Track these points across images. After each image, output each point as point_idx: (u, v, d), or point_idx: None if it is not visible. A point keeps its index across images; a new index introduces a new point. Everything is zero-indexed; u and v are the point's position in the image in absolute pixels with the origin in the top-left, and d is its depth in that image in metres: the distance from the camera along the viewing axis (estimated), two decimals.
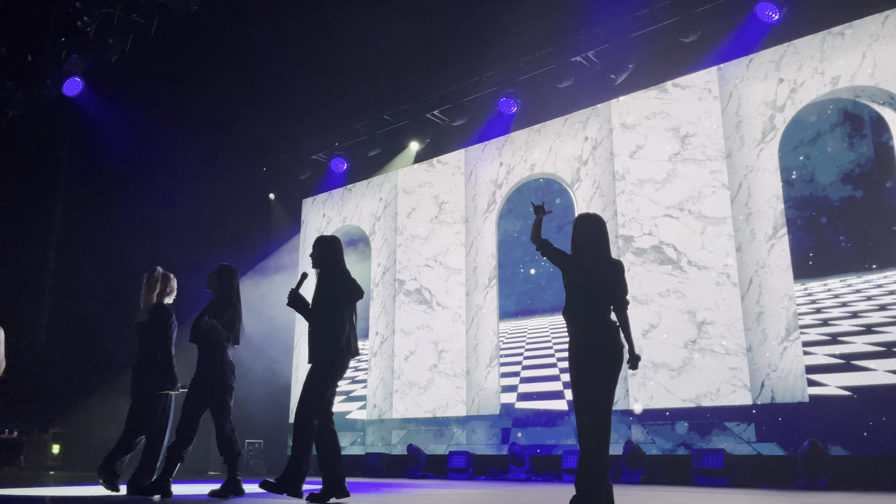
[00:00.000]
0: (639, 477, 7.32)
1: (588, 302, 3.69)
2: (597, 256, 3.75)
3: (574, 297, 3.73)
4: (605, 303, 3.71)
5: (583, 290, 3.72)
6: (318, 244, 4.63)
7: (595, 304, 3.69)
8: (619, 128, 8.73)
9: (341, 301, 4.45)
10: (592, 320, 3.67)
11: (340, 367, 4.54)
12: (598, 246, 3.77)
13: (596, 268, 3.72)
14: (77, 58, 8.97)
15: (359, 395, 10.54)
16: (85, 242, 11.47)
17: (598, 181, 8.79)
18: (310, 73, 9.99)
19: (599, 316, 3.68)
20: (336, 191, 11.83)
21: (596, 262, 3.74)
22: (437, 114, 10.18)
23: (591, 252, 3.76)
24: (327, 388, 4.48)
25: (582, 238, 3.80)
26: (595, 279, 3.70)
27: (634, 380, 7.90)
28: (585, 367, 3.64)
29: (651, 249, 8.14)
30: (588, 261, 3.75)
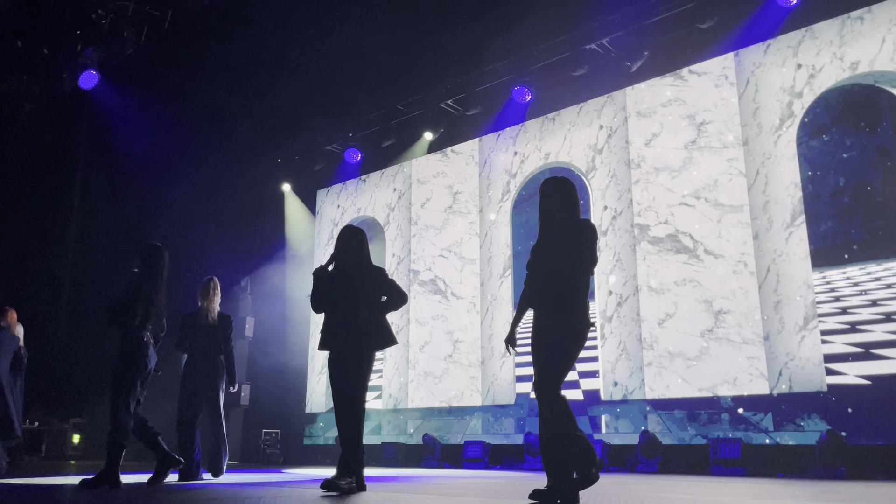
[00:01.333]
0: (654, 466, 7.31)
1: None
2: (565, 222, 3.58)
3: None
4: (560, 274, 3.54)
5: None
6: (353, 235, 4.58)
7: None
8: (634, 116, 8.67)
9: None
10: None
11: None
12: (565, 212, 3.59)
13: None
14: (92, 51, 9.02)
15: (374, 384, 10.58)
16: (102, 234, 11.57)
17: (614, 170, 8.73)
18: (323, 64, 9.99)
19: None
20: (350, 181, 11.84)
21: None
22: (451, 103, 10.15)
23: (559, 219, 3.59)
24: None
25: (577, 208, 3.64)
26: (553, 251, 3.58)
27: (650, 369, 7.87)
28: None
29: (667, 238, 8.09)
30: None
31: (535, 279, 3.72)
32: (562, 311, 3.52)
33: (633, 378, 8.01)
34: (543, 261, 3.66)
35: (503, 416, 9.00)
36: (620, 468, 7.69)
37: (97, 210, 11.82)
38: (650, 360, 7.90)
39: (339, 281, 4.48)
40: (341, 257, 4.51)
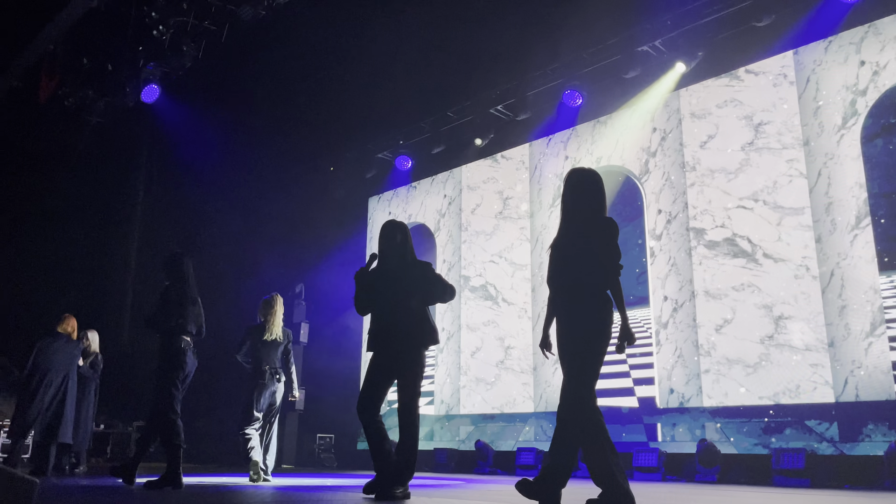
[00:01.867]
0: (713, 476, 7.13)
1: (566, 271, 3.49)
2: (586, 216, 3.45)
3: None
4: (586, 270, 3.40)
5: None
6: (396, 228, 4.46)
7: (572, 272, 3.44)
8: (688, 117, 8.51)
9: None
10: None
11: None
12: (590, 205, 3.45)
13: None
14: (154, 65, 9.34)
15: (426, 390, 10.61)
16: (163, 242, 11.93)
17: (668, 172, 8.58)
18: (374, 73, 10.12)
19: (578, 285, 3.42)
20: (401, 188, 11.94)
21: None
22: (501, 109, 10.14)
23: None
24: None
25: (603, 200, 3.50)
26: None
27: (708, 376, 7.68)
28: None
29: (724, 242, 7.90)
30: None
31: (553, 277, 3.54)
32: (581, 307, 3.38)
33: (689, 385, 7.83)
34: (563, 258, 3.50)
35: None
36: (678, 477, 7.53)
37: (158, 218, 12.21)
38: (707, 366, 7.72)
39: (382, 279, 4.38)
40: (385, 253, 4.41)
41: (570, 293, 3.44)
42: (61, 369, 6.88)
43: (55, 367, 6.83)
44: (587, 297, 3.36)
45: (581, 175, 3.54)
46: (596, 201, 3.48)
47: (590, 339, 3.35)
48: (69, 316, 7.21)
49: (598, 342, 3.36)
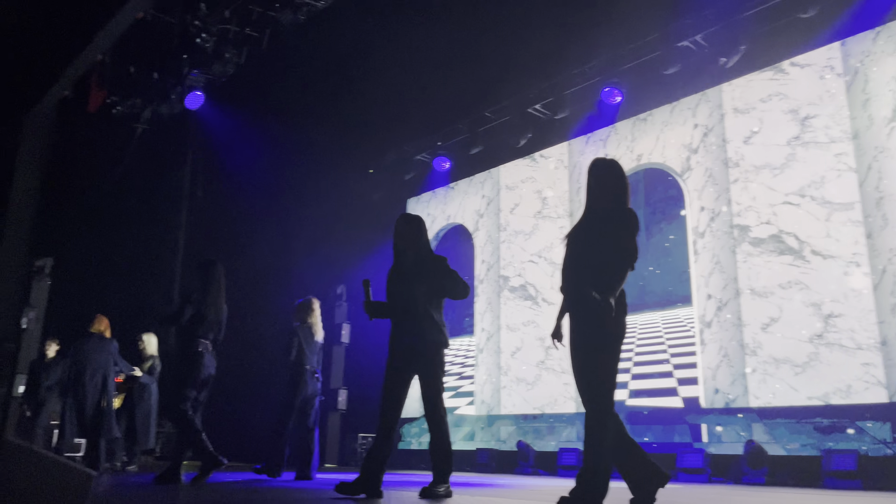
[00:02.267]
0: (762, 478, 6.98)
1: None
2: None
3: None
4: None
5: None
6: (409, 223, 4.37)
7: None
8: (731, 112, 8.35)
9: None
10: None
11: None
12: (608, 196, 3.36)
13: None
14: (198, 73, 9.55)
15: (466, 390, 10.63)
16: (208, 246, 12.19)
17: (710, 169, 8.44)
18: (412, 75, 10.18)
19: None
20: (439, 189, 11.98)
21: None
22: (539, 108, 10.10)
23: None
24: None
25: (625, 193, 3.39)
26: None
27: (754, 376, 7.53)
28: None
29: (770, 239, 7.73)
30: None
31: (565, 270, 3.44)
32: (588, 306, 3.24)
33: (735, 385, 7.69)
34: (575, 250, 3.43)
35: None
36: (724, 479, 7.39)
37: (203, 222, 12.48)
38: (754, 366, 7.56)
39: (395, 276, 4.34)
40: (400, 249, 4.35)
41: (574, 294, 3.34)
42: (98, 368, 7.08)
43: (91, 366, 7.04)
44: (588, 302, 3.24)
45: (604, 166, 3.47)
46: (617, 193, 3.39)
47: (592, 351, 3.26)
48: (101, 316, 7.41)
49: (604, 353, 3.27)
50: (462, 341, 10.85)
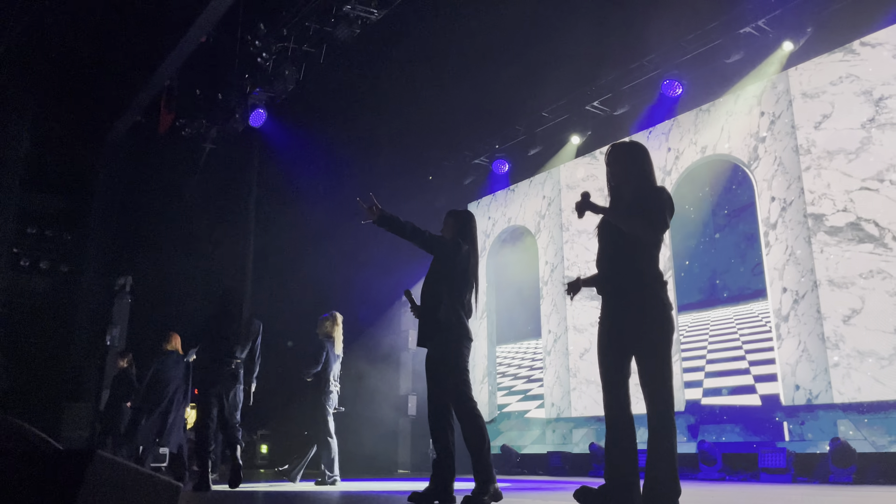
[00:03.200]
0: (849, 476, 6.67)
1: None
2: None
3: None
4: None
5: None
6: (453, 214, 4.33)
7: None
8: (799, 98, 8.04)
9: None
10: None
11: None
12: (635, 180, 3.23)
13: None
14: (259, 91, 9.84)
15: (536, 393, 10.56)
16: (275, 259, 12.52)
17: (780, 157, 8.15)
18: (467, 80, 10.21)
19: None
20: (499, 192, 11.95)
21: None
22: (597, 105, 9.96)
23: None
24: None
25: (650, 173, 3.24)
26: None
27: (837, 370, 7.21)
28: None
29: (847, 227, 7.40)
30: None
31: (599, 261, 3.37)
32: (638, 292, 3.15)
33: (817, 381, 7.38)
34: (609, 237, 3.32)
35: None
36: (809, 479, 7.10)
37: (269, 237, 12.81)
38: (836, 360, 7.24)
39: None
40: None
41: (615, 283, 3.29)
42: (181, 384, 7.38)
43: (174, 382, 7.33)
44: (636, 289, 3.17)
45: (619, 149, 3.37)
46: (636, 172, 3.28)
47: (656, 339, 3.12)
48: (175, 334, 7.71)
49: (665, 337, 3.12)
50: (529, 344, 10.78)
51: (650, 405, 3.07)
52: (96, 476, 1.50)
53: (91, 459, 1.50)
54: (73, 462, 1.53)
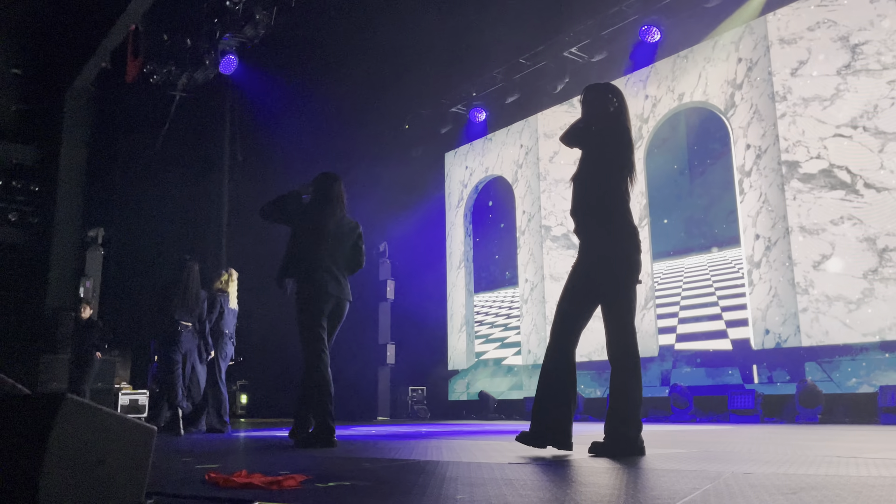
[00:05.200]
0: (815, 416, 6.91)
1: None
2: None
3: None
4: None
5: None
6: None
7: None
8: (776, 44, 8.01)
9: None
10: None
11: None
12: (596, 119, 3.24)
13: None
14: (229, 36, 9.55)
15: (513, 341, 10.69)
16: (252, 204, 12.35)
17: (756, 105, 8.15)
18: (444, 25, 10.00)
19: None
20: (477, 141, 11.87)
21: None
22: (575, 51, 9.84)
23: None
24: None
25: (621, 113, 3.23)
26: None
27: (806, 315, 7.38)
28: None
29: (820, 174, 7.47)
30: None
31: (573, 212, 3.36)
32: (602, 230, 3.17)
33: (787, 325, 7.56)
34: (579, 187, 3.33)
35: (645, 369, 8.81)
36: (777, 419, 7.34)
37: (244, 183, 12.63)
38: (805, 305, 7.41)
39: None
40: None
41: (582, 222, 3.29)
42: None
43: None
44: (598, 224, 3.19)
45: (586, 91, 3.38)
46: (602, 113, 3.27)
47: (616, 275, 3.12)
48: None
49: (630, 281, 3.12)
50: (505, 293, 10.87)
51: (616, 346, 3.11)
52: (68, 419, 1.48)
53: (62, 402, 1.48)
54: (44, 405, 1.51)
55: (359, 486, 1.95)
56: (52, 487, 1.39)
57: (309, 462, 2.81)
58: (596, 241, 3.22)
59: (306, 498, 1.71)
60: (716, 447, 3.57)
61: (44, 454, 1.41)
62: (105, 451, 1.52)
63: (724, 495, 1.66)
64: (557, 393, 3.16)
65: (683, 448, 3.50)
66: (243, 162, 12.72)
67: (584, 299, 3.19)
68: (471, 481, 2.01)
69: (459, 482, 2.00)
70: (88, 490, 1.47)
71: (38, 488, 1.37)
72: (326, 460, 2.91)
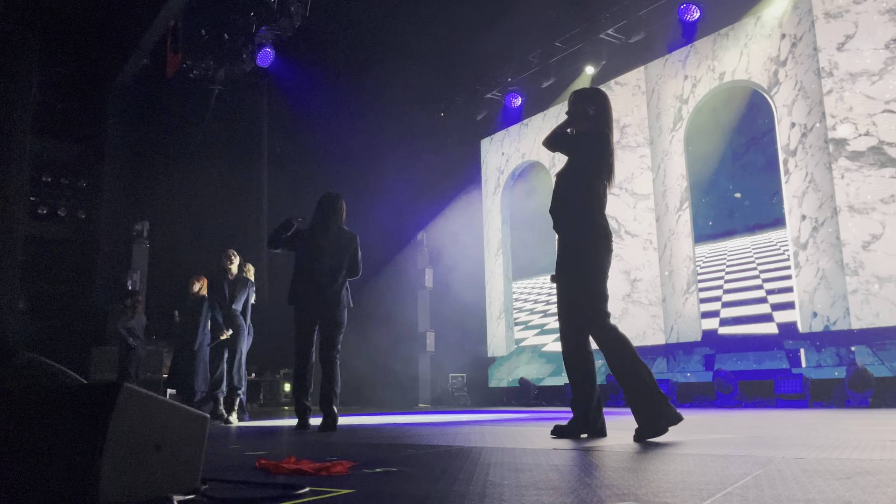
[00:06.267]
0: (866, 401, 6.73)
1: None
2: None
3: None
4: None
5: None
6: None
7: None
8: (822, 18, 7.76)
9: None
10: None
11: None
12: (575, 124, 3.49)
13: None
14: (265, 29, 9.64)
15: (552, 328, 10.64)
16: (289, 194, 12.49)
17: (801, 81, 7.93)
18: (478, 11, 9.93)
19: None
20: (513, 127, 11.79)
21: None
22: (612, 32, 9.69)
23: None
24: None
25: (602, 119, 3.45)
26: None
27: (856, 297, 7.18)
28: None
29: (869, 152, 7.24)
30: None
31: (551, 210, 3.53)
32: (566, 230, 3.37)
33: (835, 307, 7.37)
34: (557, 183, 3.51)
35: (689, 353, 8.69)
36: (825, 404, 7.17)
37: (283, 173, 12.78)
38: (855, 286, 7.21)
39: None
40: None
41: (558, 222, 3.46)
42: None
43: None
44: (571, 224, 3.38)
45: (571, 97, 3.56)
46: (579, 118, 3.48)
47: (574, 272, 3.33)
48: (201, 277, 7.67)
49: (592, 266, 3.33)
50: (544, 279, 10.81)
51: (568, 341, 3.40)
52: (125, 406, 1.52)
53: (120, 390, 1.53)
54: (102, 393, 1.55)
55: (406, 471, 1.97)
56: (112, 473, 1.43)
57: (354, 449, 2.85)
58: (568, 238, 3.40)
59: (355, 483, 1.74)
60: (764, 432, 3.51)
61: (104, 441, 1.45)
62: (161, 437, 1.56)
63: (777, 480, 1.63)
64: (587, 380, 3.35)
65: (730, 433, 3.45)
66: (281, 153, 12.86)
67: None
68: (516, 467, 2.01)
69: (505, 468, 2.00)
70: (147, 475, 1.52)
71: (100, 474, 1.41)
72: (371, 447, 2.94)
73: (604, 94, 3.57)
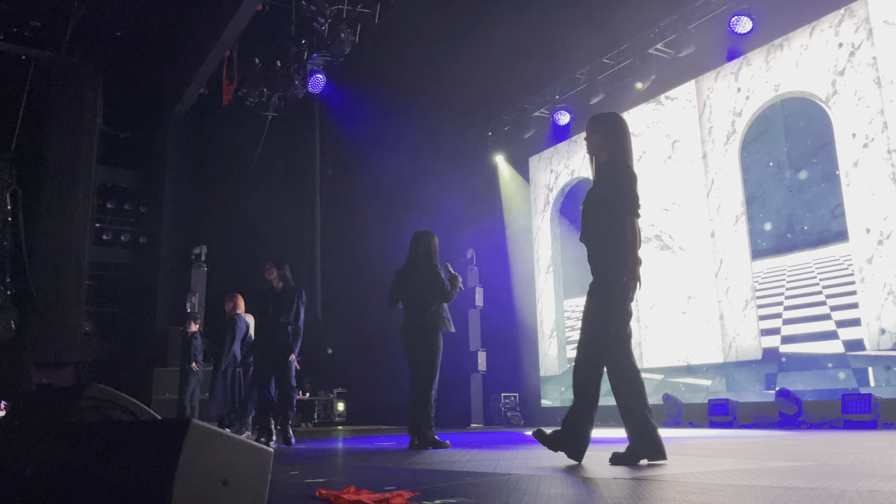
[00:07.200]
0: None
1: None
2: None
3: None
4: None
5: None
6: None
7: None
8: (880, 25, 7.53)
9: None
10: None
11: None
12: (603, 152, 3.52)
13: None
14: (317, 56, 9.87)
15: None
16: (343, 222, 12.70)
17: (860, 91, 7.69)
18: (524, 30, 9.97)
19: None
20: (561, 144, 11.73)
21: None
22: (661, 47, 9.58)
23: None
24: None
25: (621, 145, 3.48)
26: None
27: None
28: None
29: None
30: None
31: (582, 239, 3.61)
32: (602, 259, 3.45)
33: None
34: (588, 218, 3.55)
35: (749, 372, 8.45)
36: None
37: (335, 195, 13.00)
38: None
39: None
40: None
41: (590, 251, 3.55)
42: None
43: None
44: (595, 252, 3.48)
45: (593, 121, 3.53)
46: (610, 146, 3.47)
47: (597, 302, 3.50)
48: (237, 295, 7.83)
49: (604, 300, 3.46)
50: None
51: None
52: (194, 442, 1.56)
53: (188, 427, 1.57)
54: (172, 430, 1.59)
55: (466, 503, 1.97)
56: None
57: (410, 476, 2.85)
58: (597, 267, 3.57)
59: None
60: (834, 458, 3.38)
61: (174, 475, 1.50)
62: (228, 472, 1.60)
63: None
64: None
65: (799, 460, 3.33)
66: (333, 176, 13.09)
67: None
68: (578, 499, 1.99)
69: (567, 500, 1.98)
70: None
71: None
72: (428, 473, 2.95)
73: (617, 117, 3.54)
